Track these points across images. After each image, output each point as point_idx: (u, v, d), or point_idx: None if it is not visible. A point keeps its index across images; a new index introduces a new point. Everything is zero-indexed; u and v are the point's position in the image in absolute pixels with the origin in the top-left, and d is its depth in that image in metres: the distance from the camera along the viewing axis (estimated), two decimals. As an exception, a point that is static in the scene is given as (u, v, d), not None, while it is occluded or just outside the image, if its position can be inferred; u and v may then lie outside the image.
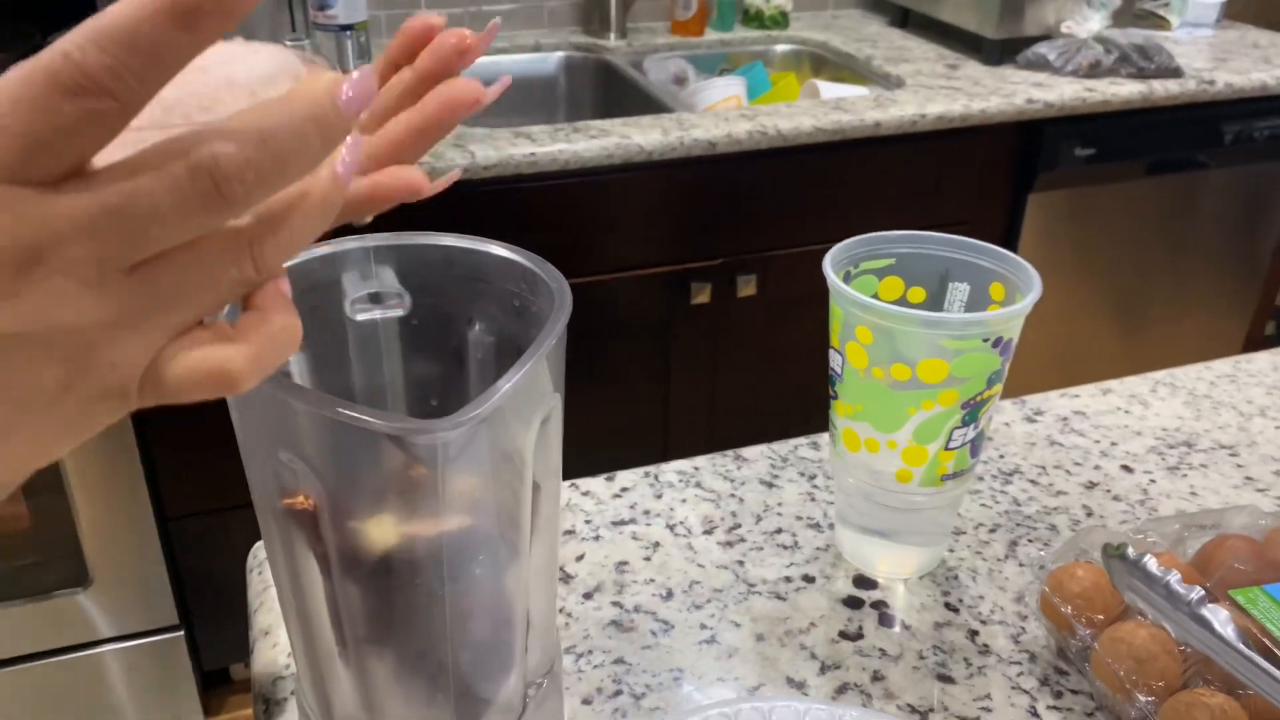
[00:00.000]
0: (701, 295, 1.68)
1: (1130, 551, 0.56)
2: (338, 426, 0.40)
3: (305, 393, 0.41)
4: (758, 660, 0.63)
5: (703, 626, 0.66)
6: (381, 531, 0.46)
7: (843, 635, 0.65)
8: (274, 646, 0.64)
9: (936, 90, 1.73)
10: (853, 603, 0.68)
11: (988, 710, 0.60)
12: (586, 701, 0.60)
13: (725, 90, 1.76)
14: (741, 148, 1.57)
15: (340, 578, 0.47)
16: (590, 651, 0.63)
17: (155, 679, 1.65)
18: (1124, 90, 1.76)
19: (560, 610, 0.67)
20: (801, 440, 0.83)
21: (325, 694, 0.52)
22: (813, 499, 0.77)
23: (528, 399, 0.45)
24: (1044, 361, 1.97)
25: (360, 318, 0.50)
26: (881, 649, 0.64)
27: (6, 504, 1.50)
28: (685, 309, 1.68)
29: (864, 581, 0.69)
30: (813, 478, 0.79)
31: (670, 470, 0.80)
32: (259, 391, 0.43)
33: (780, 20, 2.08)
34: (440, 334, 0.52)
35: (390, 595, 0.47)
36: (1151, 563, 0.55)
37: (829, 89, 1.79)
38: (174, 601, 1.61)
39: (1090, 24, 1.82)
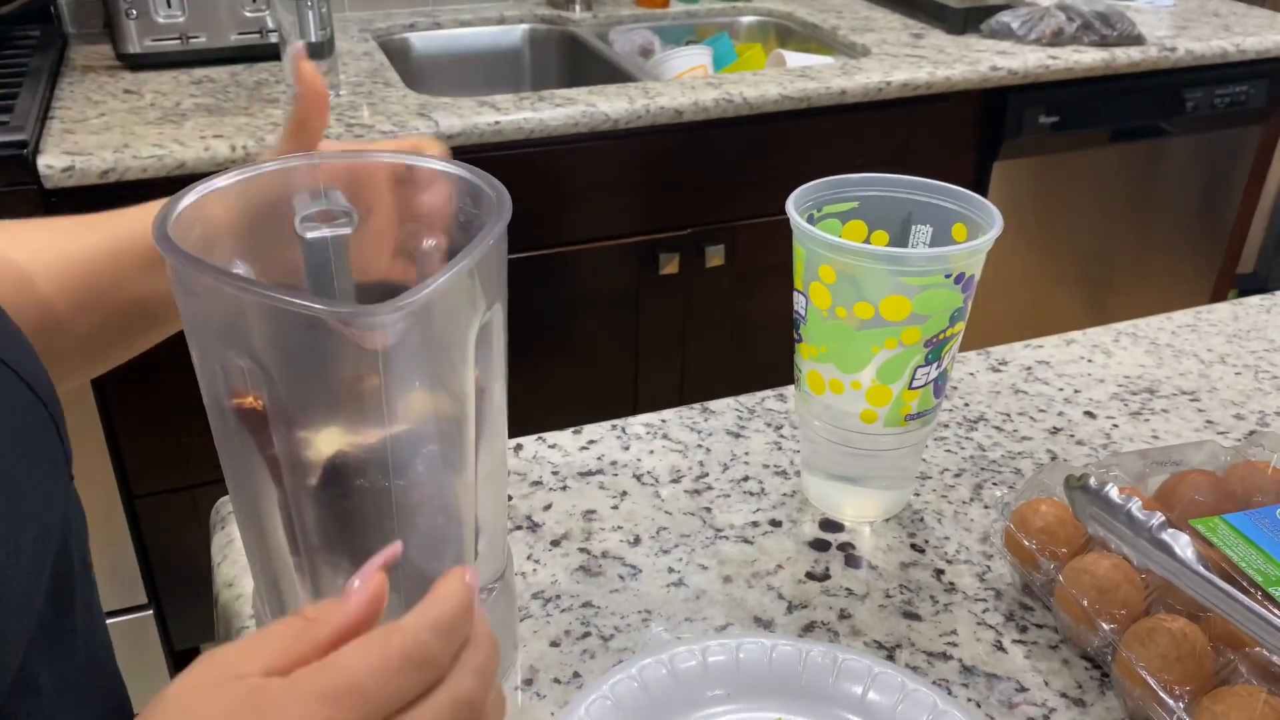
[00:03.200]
0: (670, 265, 1.68)
1: (1092, 482, 0.57)
2: (283, 318, 0.40)
3: (251, 283, 0.40)
4: (725, 601, 0.63)
5: (670, 570, 0.65)
6: (329, 432, 0.45)
7: (809, 576, 0.65)
8: (238, 598, 0.63)
9: (902, 59, 1.74)
10: (819, 545, 0.68)
11: (954, 645, 0.60)
12: (554, 644, 0.60)
13: (691, 60, 1.75)
14: (708, 116, 1.57)
15: (291, 482, 0.46)
16: (558, 596, 0.63)
17: (125, 659, 1.63)
18: (1086, 58, 1.77)
19: (527, 558, 0.66)
20: (769, 393, 0.84)
21: (281, 605, 0.52)
22: (779, 448, 0.77)
23: (468, 299, 0.45)
24: (1010, 327, 1.97)
25: (310, 235, 0.49)
26: (848, 589, 0.64)
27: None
28: (654, 279, 1.68)
29: (830, 525, 0.70)
30: (779, 428, 0.79)
31: (637, 423, 0.80)
32: (206, 285, 0.43)
33: (746, -9, 2.07)
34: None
35: (339, 496, 0.47)
36: (1113, 491, 0.55)
37: (795, 59, 1.79)
38: (142, 580, 1.60)
39: (1053, -8, 1.82)
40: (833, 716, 0.55)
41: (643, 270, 1.67)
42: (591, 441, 0.78)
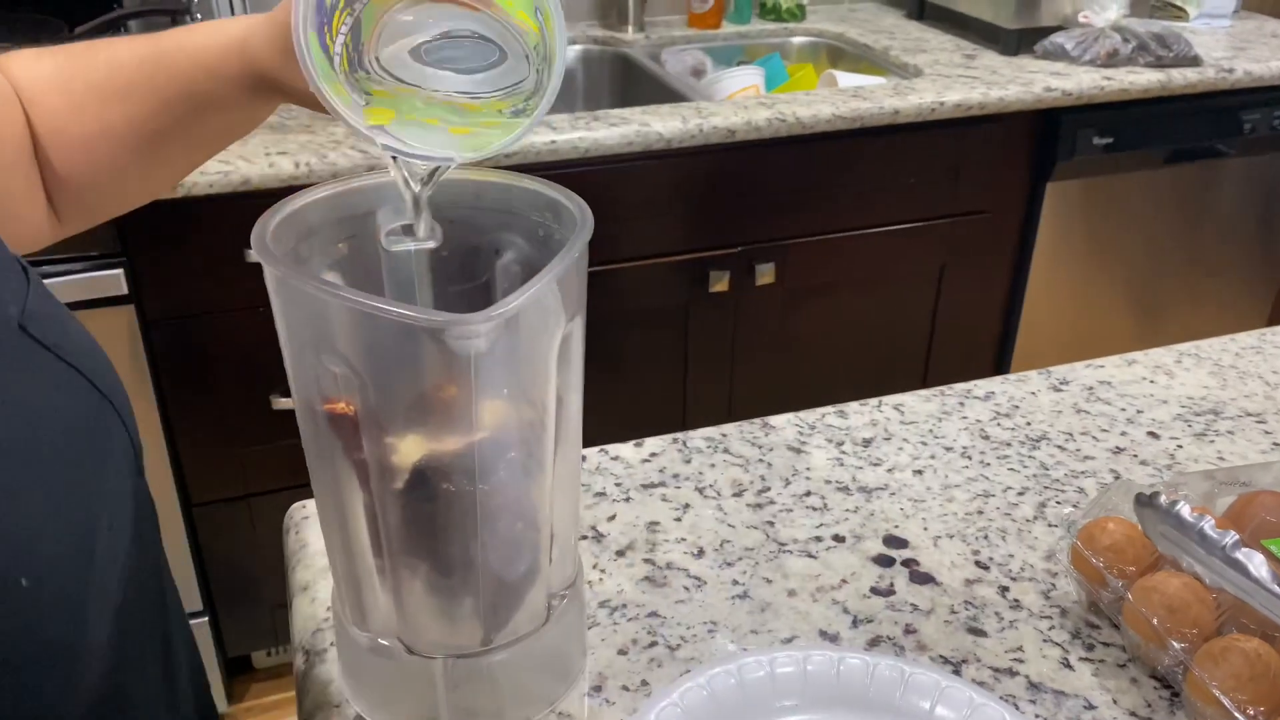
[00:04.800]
0: (720, 283, 1.69)
1: (1163, 500, 0.57)
2: (378, 326, 0.41)
3: (350, 293, 0.42)
4: (791, 614, 0.64)
5: (734, 583, 0.66)
6: (417, 438, 0.47)
7: (874, 591, 0.66)
8: (313, 601, 0.65)
9: (955, 79, 1.74)
10: (884, 561, 0.68)
11: (1020, 661, 0.61)
12: (622, 652, 0.61)
13: (744, 80, 1.77)
14: (761, 135, 1.58)
15: (377, 486, 0.48)
16: (624, 605, 0.64)
17: (179, 665, 1.67)
18: (1142, 79, 1.77)
19: (593, 567, 0.67)
20: (828, 409, 0.84)
21: (362, 607, 0.53)
22: (841, 464, 0.77)
23: (551, 310, 0.46)
24: (1060, 351, 1.97)
25: (394, 249, 0.51)
26: (913, 604, 0.65)
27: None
28: (703, 297, 1.69)
29: (895, 541, 0.70)
30: (840, 444, 0.80)
31: (698, 437, 0.81)
32: (305, 293, 0.44)
33: (797, 13, 2.09)
34: (469, 264, 0.53)
35: (423, 501, 0.48)
36: (1184, 509, 0.55)
37: (847, 79, 1.80)
38: (198, 588, 1.63)
39: (1108, 13, 1.82)
40: (900, 729, 0.56)
41: (693, 288, 1.68)
42: (653, 454, 0.78)
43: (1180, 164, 1.90)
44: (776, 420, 0.83)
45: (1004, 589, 0.66)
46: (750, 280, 1.70)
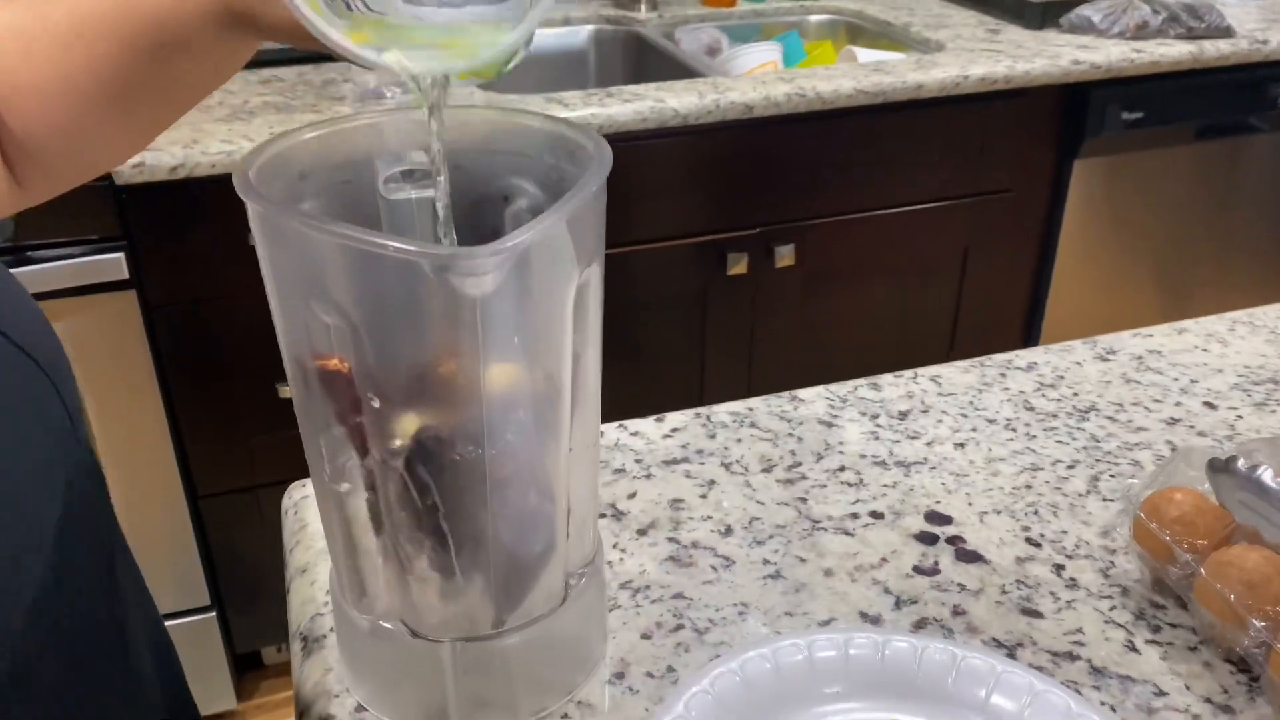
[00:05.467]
0: (738, 266, 1.63)
1: (1241, 464, 0.52)
2: (374, 265, 0.37)
3: (342, 228, 0.37)
4: (828, 595, 0.59)
5: (766, 562, 0.61)
6: (418, 396, 0.42)
7: (917, 570, 0.61)
8: (312, 584, 0.60)
9: (978, 53, 1.68)
10: (926, 538, 0.63)
11: (1080, 645, 0.56)
12: (646, 636, 0.56)
13: (761, 56, 1.72)
14: (780, 111, 1.53)
15: (376, 452, 0.43)
16: (647, 587, 0.59)
17: (186, 661, 1.63)
18: (1173, 51, 1.71)
19: (613, 546, 0.63)
20: (861, 381, 0.79)
21: (362, 587, 0.48)
22: (876, 437, 0.72)
23: (566, 253, 0.41)
24: (1088, 335, 1.91)
25: (394, 197, 0.46)
26: (960, 583, 0.60)
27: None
28: (721, 280, 1.64)
29: (938, 517, 0.65)
30: (875, 417, 0.75)
31: (722, 411, 0.76)
32: (293, 232, 0.40)
33: (814, -10, 2.03)
34: (476, 214, 0.48)
35: (428, 468, 0.44)
36: (1267, 473, 0.50)
37: (867, 55, 1.75)
38: (206, 582, 1.59)
39: (1136, -16, 1.76)
40: (955, 718, 0.51)
41: (710, 271, 1.63)
42: (675, 429, 0.74)
43: (1211, 140, 1.84)
44: (806, 394, 0.78)
45: (1058, 567, 0.61)
46: (769, 262, 1.65)
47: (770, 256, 1.65)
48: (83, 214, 1.30)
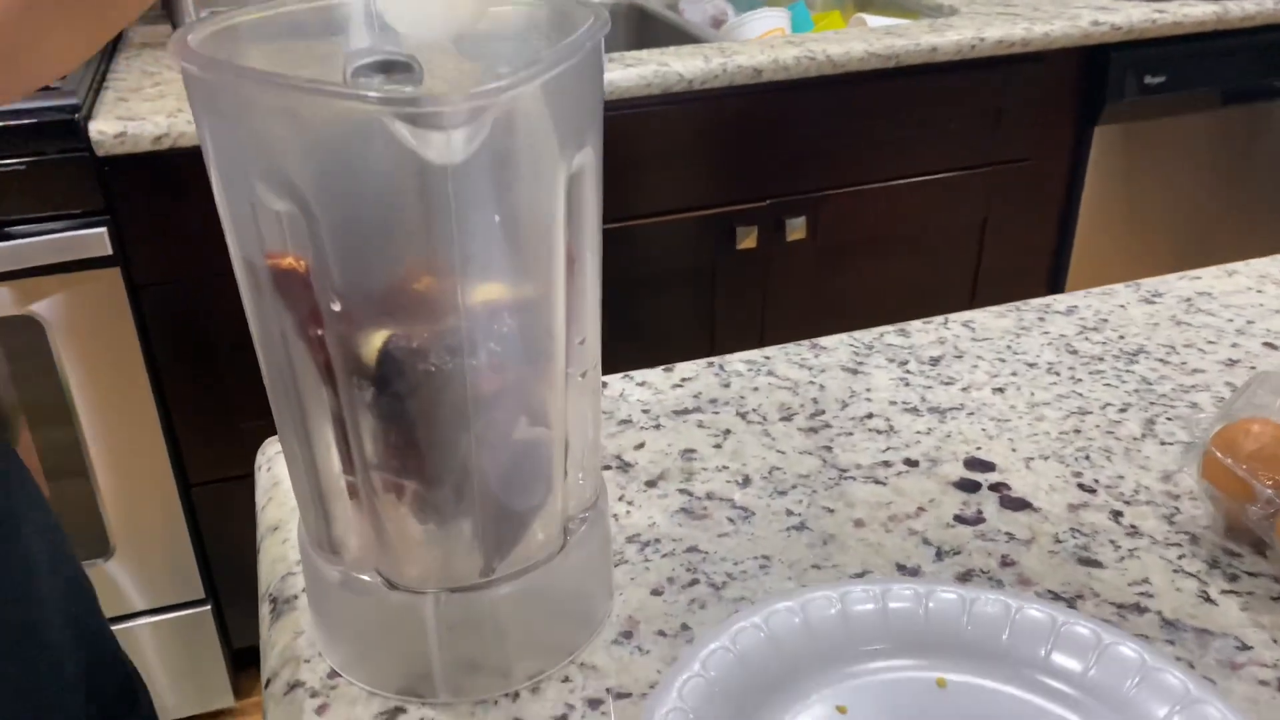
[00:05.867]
0: (747, 240, 1.57)
1: (1333, 383, 0.45)
2: (329, 128, 0.30)
3: (290, 80, 0.31)
4: (859, 547, 0.53)
5: (789, 513, 0.55)
6: (384, 298, 0.36)
7: (959, 519, 0.54)
8: (283, 542, 0.54)
9: (994, 16, 1.62)
10: (967, 485, 0.57)
11: (1148, 596, 0.49)
12: (656, 592, 0.50)
13: (768, 23, 1.66)
14: (789, 75, 1.46)
15: (341, 368, 0.37)
16: (657, 540, 0.53)
17: (182, 656, 1.57)
18: (1196, 11, 1.64)
19: (619, 499, 0.56)
20: (888, 328, 0.73)
21: (332, 535, 0.42)
22: (906, 384, 0.66)
23: (554, 127, 0.35)
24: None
25: None
26: (1008, 533, 0.53)
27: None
28: (730, 255, 1.58)
29: (978, 464, 0.59)
30: (904, 363, 0.68)
31: (736, 360, 0.70)
32: (233, 97, 0.34)
33: (821, -40, 1.97)
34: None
35: (402, 391, 0.38)
36: (1367, 390, 0.44)
37: (877, 23, 1.69)
38: (200, 575, 1.53)
39: (1157, -57, 1.69)
40: (1010, 677, 0.44)
41: (718, 245, 1.57)
42: (686, 379, 0.67)
43: (1237, 105, 1.78)
44: (827, 341, 0.71)
45: (1116, 514, 0.54)
46: (780, 236, 1.59)
47: (781, 229, 1.58)
48: (62, 187, 1.25)
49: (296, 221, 0.35)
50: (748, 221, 1.56)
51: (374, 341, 0.38)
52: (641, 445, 0.61)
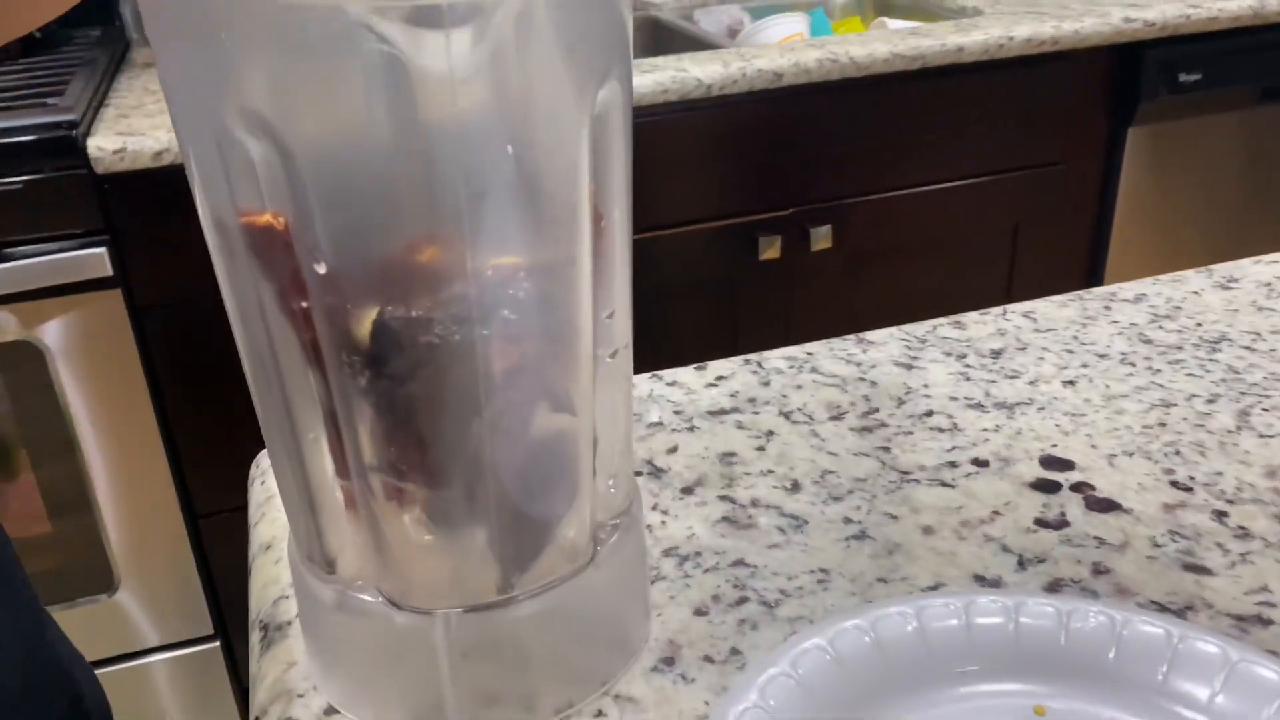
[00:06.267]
0: (770, 250, 1.51)
1: None
2: (291, 39, 0.25)
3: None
4: (930, 556, 0.46)
5: (847, 520, 0.49)
6: (377, 256, 0.30)
7: (1040, 523, 0.48)
8: (277, 562, 0.48)
9: (1021, 15, 1.56)
10: (1046, 486, 0.50)
11: (1269, 605, 0.42)
12: (700, 612, 0.43)
13: (787, 28, 1.61)
14: (811, 79, 1.41)
15: (329, 345, 0.31)
16: (698, 553, 0.47)
17: (191, 693, 1.51)
18: (1232, 5, 1.58)
19: (652, 508, 0.50)
20: (940, 320, 0.67)
21: (325, 547, 0.36)
22: (967, 378, 0.60)
23: (570, 48, 0.29)
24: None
25: None
26: (1098, 537, 0.47)
27: (25, 504, 1.37)
28: (752, 266, 1.52)
29: (1056, 462, 0.52)
30: (962, 357, 0.62)
31: (775, 357, 0.64)
32: (190, 15, 0.28)
33: (838, -33, 1.92)
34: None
35: (398, 363, 0.32)
36: None
37: (899, 27, 1.63)
38: (209, 609, 1.47)
39: (1187, -62, 1.64)
40: (1121, 703, 0.38)
41: (740, 256, 1.51)
42: (721, 378, 0.61)
43: (1275, 102, 1.71)
44: (874, 335, 0.65)
45: (1220, 514, 0.48)
46: (804, 245, 1.53)
47: (805, 239, 1.53)
48: (61, 206, 1.20)
49: (272, 166, 0.30)
50: (770, 231, 1.51)
51: (367, 312, 0.32)
52: (674, 449, 0.55)
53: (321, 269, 0.31)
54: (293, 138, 0.28)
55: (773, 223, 1.51)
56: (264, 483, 0.54)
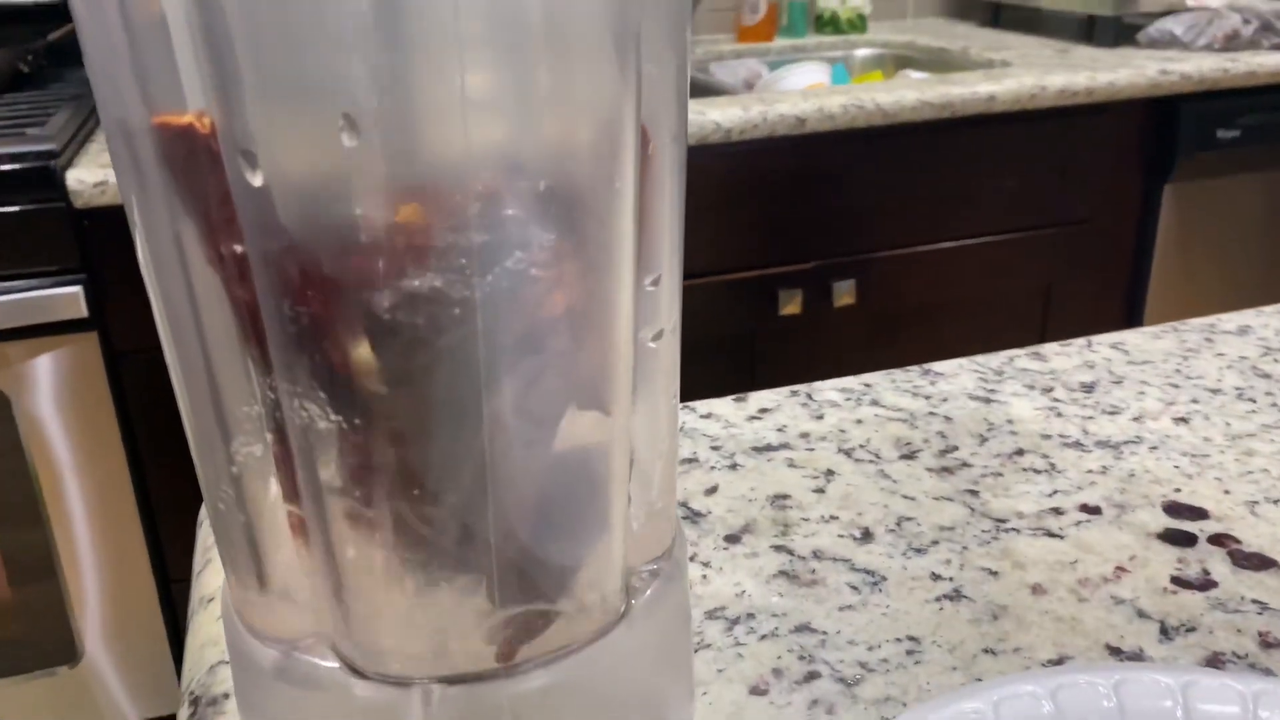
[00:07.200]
0: (791, 305, 1.43)
1: None
2: None
3: None
4: (1047, 622, 0.36)
5: (936, 577, 0.39)
6: (336, 179, 0.21)
7: (1179, 582, 0.38)
8: (217, 619, 0.38)
9: (1052, 68, 1.50)
10: (1178, 538, 0.41)
11: None
12: (758, 691, 0.33)
13: (810, 77, 1.55)
14: (835, 126, 1.34)
15: (273, 316, 0.22)
16: (751, 615, 0.37)
17: (154, 781, 1.38)
18: (1271, 61, 1.52)
19: (691, 558, 0.40)
20: (1016, 351, 0.57)
21: (266, 596, 0.27)
22: (1058, 414, 0.50)
23: None
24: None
25: None
26: (1257, 600, 0.37)
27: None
28: (772, 321, 1.43)
29: (1183, 510, 0.42)
30: (1048, 390, 0.53)
31: (829, 388, 0.54)
32: None
33: (858, 24, 1.88)
34: None
35: (366, 328, 0.22)
36: None
37: (923, 78, 1.57)
38: (179, 687, 1.35)
39: (1221, -8, 1.59)
40: (1347, 823, 0.28)
41: (759, 310, 1.42)
42: (764, 410, 0.52)
43: (1317, 162, 1.65)
44: (943, 366, 0.56)
45: (1407, 575, 0.38)
46: (827, 302, 1.45)
47: (828, 295, 1.44)
48: (35, 242, 1.12)
49: (194, 37, 0.21)
50: (791, 285, 1.42)
51: (322, 250, 0.23)
52: (714, 489, 0.45)
53: (257, 180, 0.21)
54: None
55: (793, 276, 1.43)
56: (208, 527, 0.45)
